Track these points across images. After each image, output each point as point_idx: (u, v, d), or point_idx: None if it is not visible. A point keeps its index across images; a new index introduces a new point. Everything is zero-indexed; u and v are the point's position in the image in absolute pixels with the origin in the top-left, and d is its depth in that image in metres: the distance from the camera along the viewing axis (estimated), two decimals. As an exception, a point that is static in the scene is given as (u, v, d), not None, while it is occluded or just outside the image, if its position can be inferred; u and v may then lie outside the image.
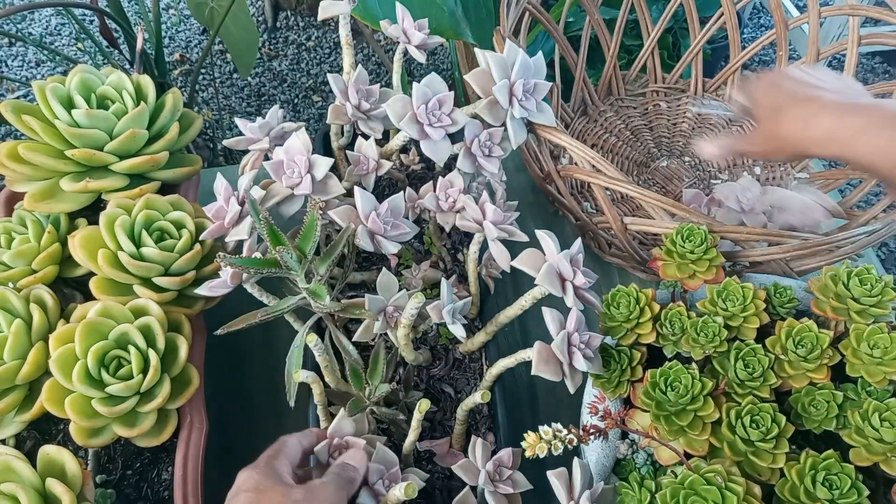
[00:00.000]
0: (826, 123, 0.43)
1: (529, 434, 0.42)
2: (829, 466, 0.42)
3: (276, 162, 0.50)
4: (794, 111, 0.45)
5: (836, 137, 0.43)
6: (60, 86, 0.57)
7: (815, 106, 0.45)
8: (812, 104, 0.45)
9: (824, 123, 0.43)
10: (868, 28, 1.51)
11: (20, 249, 0.53)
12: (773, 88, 0.48)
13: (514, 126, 0.53)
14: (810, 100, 0.45)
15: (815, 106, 0.45)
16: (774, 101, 0.47)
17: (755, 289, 0.49)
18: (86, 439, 0.47)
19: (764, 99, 0.49)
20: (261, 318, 0.47)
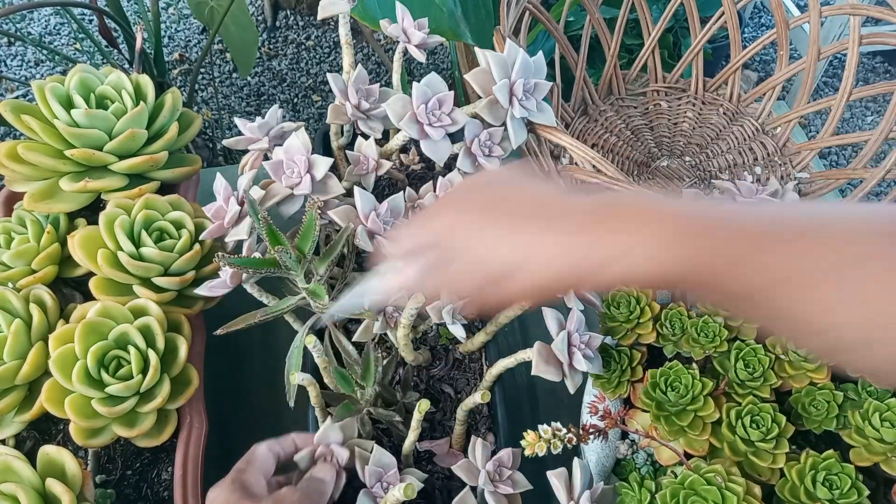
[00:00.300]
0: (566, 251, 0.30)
1: (529, 433, 0.42)
2: (830, 466, 0.41)
3: (276, 162, 0.50)
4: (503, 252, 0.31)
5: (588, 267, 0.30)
6: (60, 85, 0.56)
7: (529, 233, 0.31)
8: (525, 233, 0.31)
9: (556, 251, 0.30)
10: (869, 27, 1.51)
11: (20, 249, 0.53)
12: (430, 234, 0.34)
13: (514, 126, 0.53)
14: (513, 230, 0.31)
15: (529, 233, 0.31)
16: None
17: (755, 289, 0.49)
18: (85, 439, 0.47)
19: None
20: (260, 319, 0.47)
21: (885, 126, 0.79)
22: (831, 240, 0.27)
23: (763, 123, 0.91)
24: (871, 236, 0.27)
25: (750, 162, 0.88)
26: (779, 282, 0.27)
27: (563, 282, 0.31)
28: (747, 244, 0.28)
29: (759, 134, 0.90)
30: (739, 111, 0.93)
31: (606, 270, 0.30)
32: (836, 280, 0.27)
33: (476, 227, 0.33)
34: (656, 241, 0.29)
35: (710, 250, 0.28)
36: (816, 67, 0.85)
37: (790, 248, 0.27)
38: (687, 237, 0.29)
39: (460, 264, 0.33)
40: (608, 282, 0.31)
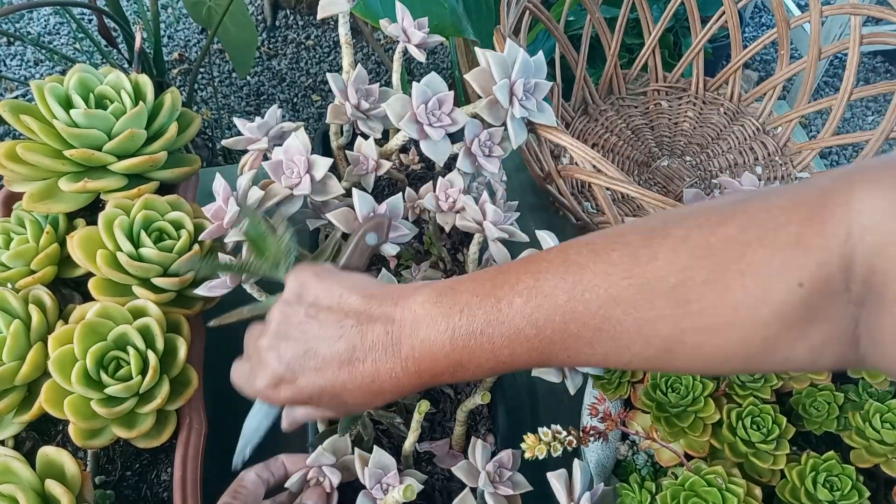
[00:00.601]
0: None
1: (529, 436, 0.42)
2: (830, 468, 0.41)
3: (275, 162, 0.50)
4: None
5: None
6: (59, 85, 0.56)
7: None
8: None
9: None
10: (869, 27, 1.51)
11: (18, 250, 0.53)
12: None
13: (514, 126, 0.53)
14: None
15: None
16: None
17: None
18: (85, 440, 0.47)
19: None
20: (250, 315, 0.47)
21: (886, 126, 0.79)
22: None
23: (764, 123, 0.90)
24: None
25: (751, 162, 0.88)
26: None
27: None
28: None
29: (759, 133, 0.90)
30: (740, 111, 0.92)
31: (420, 379, 0.34)
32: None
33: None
34: (441, 337, 0.32)
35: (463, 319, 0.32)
36: (817, 67, 0.85)
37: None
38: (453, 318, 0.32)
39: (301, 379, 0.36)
40: (424, 384, 0.35)
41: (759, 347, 0.27)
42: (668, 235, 0.28)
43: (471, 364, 0.32)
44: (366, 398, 0.35)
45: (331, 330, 0.35)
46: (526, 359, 0.32)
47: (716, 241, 0.27)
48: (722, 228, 0.27)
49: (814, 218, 0.25)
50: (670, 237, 0.28)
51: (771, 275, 0.25)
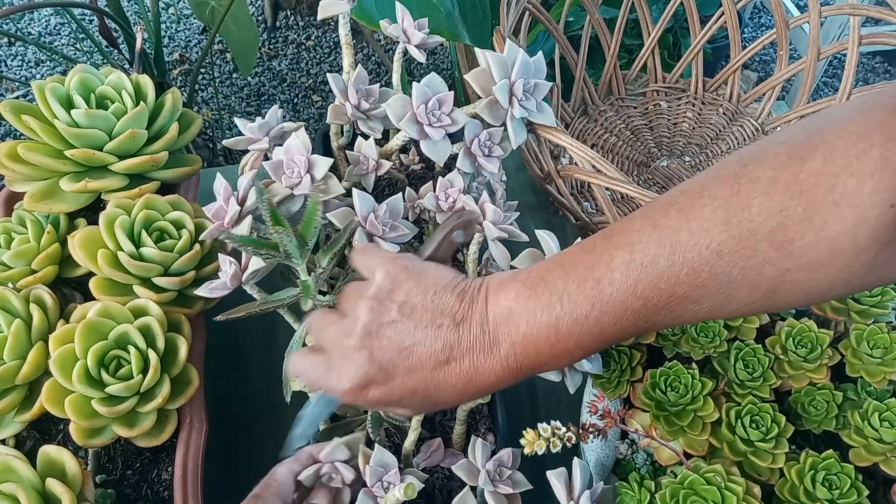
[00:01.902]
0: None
1: (528, 431, 0.42)
2: (829, 466, 0.42)
3: (276, 162, 0.50)
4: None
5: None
6: (60, 85, 0.56)
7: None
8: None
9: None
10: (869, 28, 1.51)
11: (20, 249, 0.53)
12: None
13: (514, 126, 0.53)
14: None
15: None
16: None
17: (755, 289, 0.49)
18: (86, 439, 0.47)
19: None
20: (260, 308, 0.47)
21: (885, 126, 0.79)
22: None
23: (763, 123, 0.91)
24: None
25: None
26: None
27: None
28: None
29: (758, 134, 0.90)
30: (739, 111, 0.93)
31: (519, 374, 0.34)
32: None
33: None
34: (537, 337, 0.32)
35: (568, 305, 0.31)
36: (816, 67, 0.86)
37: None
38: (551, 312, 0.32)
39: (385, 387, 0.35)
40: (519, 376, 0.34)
41: (860, 272, 0.28)
42: (756, 179, 0.28)
43: (577, 348, 0.32)
44: (459, 396, 0.35)
45: (427, 330, 0.33)
46: (633, 330, 0.32)
47: (805, 177, 0.27)
48: (808, 163, 0.27)
49: (890, 139, 0.26)
50: (759, 181, 0.28)
51: (865, 201, 0.26)
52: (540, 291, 0.32)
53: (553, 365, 0.33)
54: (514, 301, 0.32)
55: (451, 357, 0.33)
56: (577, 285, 0.31)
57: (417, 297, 0.34)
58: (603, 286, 0.30)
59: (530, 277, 0.33)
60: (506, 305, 0.33)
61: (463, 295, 0.34)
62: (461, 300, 0.34)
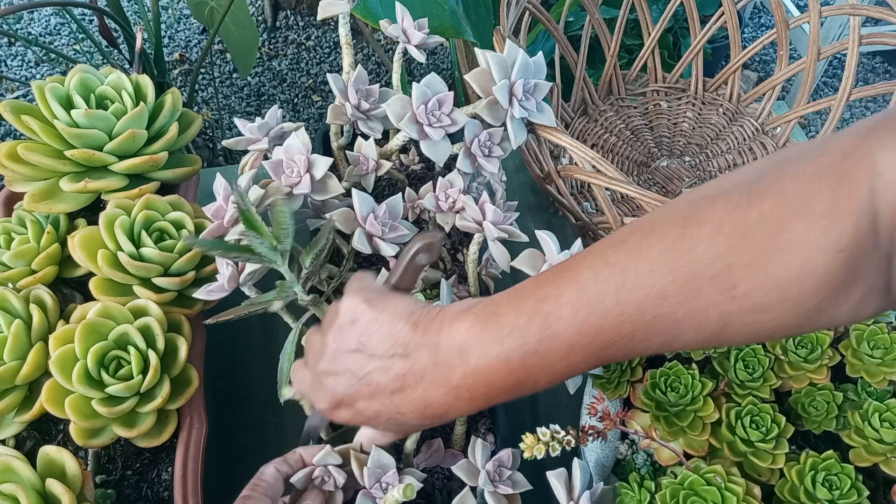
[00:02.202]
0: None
1: (527, 436, 0.42)
2: (829, 467, 0.42)
3: (276, 161, 0.50)
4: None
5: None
6: (59, 86, 0.56)
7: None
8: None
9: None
10: (869, 28, 1.51)
11: (20, 250, 0.53)
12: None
13: (514, 126, 0.53)
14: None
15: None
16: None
17: (755, 289, 0.49)
18: (86, 440, 0.47)
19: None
20: (247, 311, 0.47)
21: (885, 126, 0.79)
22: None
23: (763, 123, 0.91)
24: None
25: (750, 162, 0.88)
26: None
27: None
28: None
29: (758, 134, 0.90)
30: (739, 111, 0.93)
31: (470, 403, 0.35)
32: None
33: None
34: (489, 360, 0.33)
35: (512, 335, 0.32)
36: (816, 67, 0.86)
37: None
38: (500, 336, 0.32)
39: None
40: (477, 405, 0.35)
41: (806, 316, 0.27)
42: (704, 222, 0.28)
43: (529, 381, 0.33)
44: (422, 421, 0.36)
45: (381, 361, 0.35)
46: (583, 366, 0.32)
47: (752, 221, 0.27)
48: (757, 207, 0.27)
49: (843, 184, 0.25)
50: (706, 224, 0.28)
51: (811, 247, 0.26)
52: (492, 325, 0.32)
53: (508, 395, 0.34)
54: (467, 333, 0.33)
55: (405, 385, 0.34)
56: (527, 319, 0.31)
57: (374, 327, 0.36)
58: (551, 322, 0.31)
59: (484, 310, 0.33)
60: (458, 337, 0.33)
61: (416, 325, 0.35)
62: (414, 330, 0.35)
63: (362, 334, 0.36)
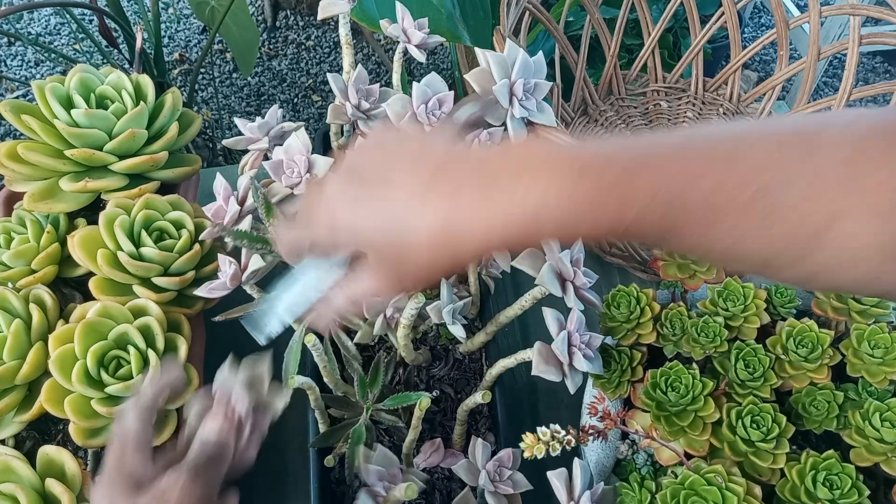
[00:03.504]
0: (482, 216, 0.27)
1: (528, 435, 0.42)
2: (830, 466, 0.41)
3: (276, 161, 0.50)
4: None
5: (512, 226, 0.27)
6: (60, 85, 0.56)
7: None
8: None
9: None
10: (869, 27, 1.51)
11: (19, 249, 0.53)
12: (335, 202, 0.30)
13: (514, 126, 0.53)
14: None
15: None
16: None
17: (756, 289, 0.49)
18: (85, 439, 0.47)
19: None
20: (257, 309, 0.47)
21: (886, 126, 0.79)
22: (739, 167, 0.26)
23: (763, 123, 0.91)
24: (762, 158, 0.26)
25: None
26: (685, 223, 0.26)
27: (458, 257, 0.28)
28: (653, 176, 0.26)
29: (759, 134, 0.90)
30: (739, 111, 0.93)
31: (530, 230, 0.27)
32: (739, 211, 0.25)
33: (364, 212, 0.30)
34: (555, 190, 0.26)
35: (614, 189, 0.26)
36: (816, 67, 0.85)
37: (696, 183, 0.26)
38: (588, 179, 0.26)
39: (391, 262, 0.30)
40: (512, 244, 0.28)
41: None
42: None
43: (584, 226, 0.27)
44: (432, 256, 0.28)
45: (411, 157, 0.29)
46: (650, 230, 0.27)
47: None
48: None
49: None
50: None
51: None
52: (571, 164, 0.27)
53: (550, 235, 0.28)
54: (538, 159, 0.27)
55: (438, 188, 0.27)
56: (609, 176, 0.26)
57: (409, 137, 0.31)
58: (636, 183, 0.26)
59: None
60: (522, 160, 0.27)
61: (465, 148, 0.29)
62: (463, 146, 0.29)
63: (395, 143, 0.30)
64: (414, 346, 0.54)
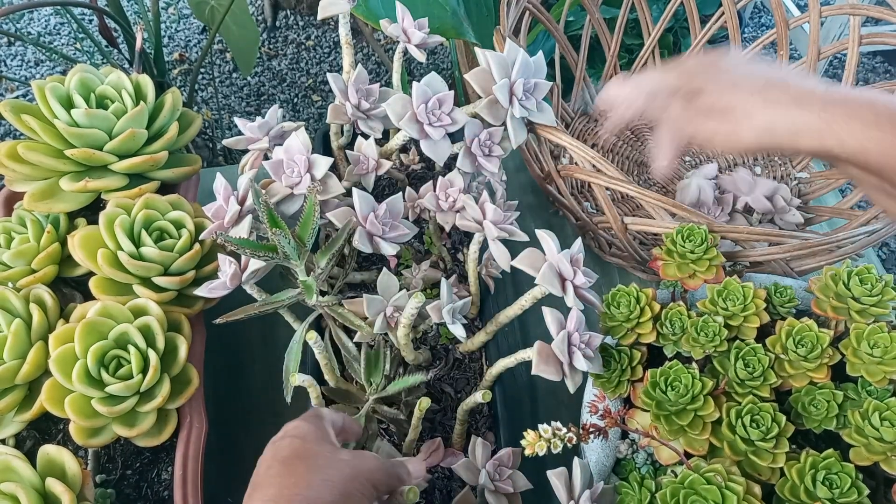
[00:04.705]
0: (804, 112, 0.39)
1: (529, 432, 0.42)
2: (830, 466, 0.41)
3: (276, 161, 0.50)
4: (769, 94, 0.41)
5: (818, 127, 0.39)
6: (60, 85, 0.56)
7: (790, 92, 0.41)
8: (784, 88, 0.41)
9: (801, 112, 0.40)
10: (869, 27, 1.51)
11: (20, 249, 0.53)
12: (716, 70, 0.44)
13: (514, 125, 0.53)
14: (779, 85, 0.41)
15: (790, 92, 0.41)
16: (727, 83, 0.43)
17: (755, 288, 0.49)
18: (85, 439, 0.47)
19: (711, 81, 0.44)
20: (259, 310, 0.47)
21: (885, 126, 0.79)
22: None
23: (763, 123, 0.90)
24: None
25: (749, 162, 0.88)
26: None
27: (777, 138, 0.41)
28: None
29: (758, 134, 0.90)
30: (739, 111, 0.92)
31: (813, 140, 0.39)
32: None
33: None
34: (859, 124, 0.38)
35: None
36: (816, 67, 0.86)
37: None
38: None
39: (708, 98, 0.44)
40: (810, 149, 0.40)
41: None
42: None
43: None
44: (767, 109, 0.41)
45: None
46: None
47: None
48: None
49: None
50: None
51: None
52: None
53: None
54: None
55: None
56: None
57: None
58: None
59: None
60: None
61: None
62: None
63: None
64: (414, 346, 0.54)
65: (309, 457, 0.36)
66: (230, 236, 0.44)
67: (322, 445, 0.37)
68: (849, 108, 0.38)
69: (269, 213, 0.45)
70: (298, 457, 0.36)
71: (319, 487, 0.34)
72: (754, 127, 0.41)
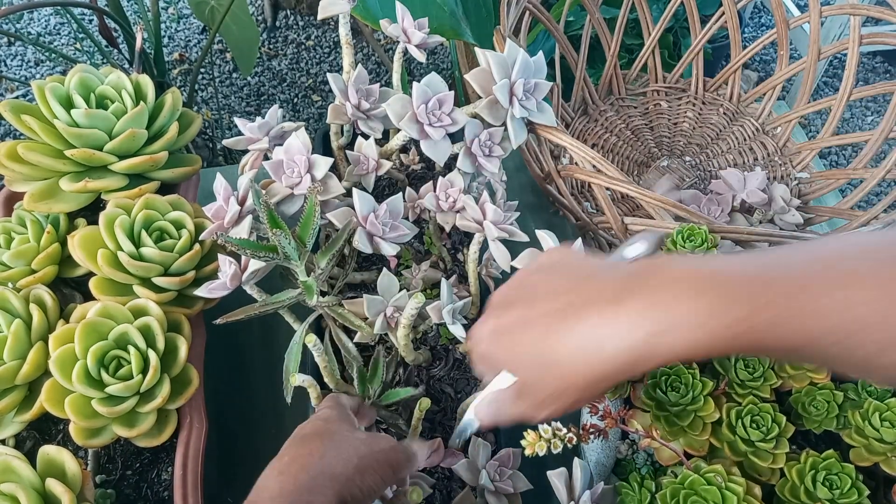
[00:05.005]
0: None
1: (529, 432, 0.42)
2: (830, 466, 0.41)
3: (276, 161, 0.50)
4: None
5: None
6: (59, 85, 0.56)
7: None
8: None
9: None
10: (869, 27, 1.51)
11: (19, 249, 0.53)
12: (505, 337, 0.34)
13: (514, 126, 0.53)
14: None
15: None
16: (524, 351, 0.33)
17: (755, 289, 0.49)
18: (85, 439, 0.47)
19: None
20: (259, 311, 0.47)
21: (885, 126, 0.79)
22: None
23: (763, 123, 0.91)
24: None
25: (750, 162, 0.88)
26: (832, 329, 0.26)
27: (614, 375, 0.30)
28: (803, 294, 0.26)
29: (759, 134, 0.90)
30: (739, 111, 0.93)
31: (653, 353, 0.28)
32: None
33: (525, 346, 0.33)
34: (698, 310, 0.27)
35: (763, 306, 0.27)
36: (816, 67, 0.86)
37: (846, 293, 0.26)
38: (734, 298, 0.27)
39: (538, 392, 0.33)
40: (657, 364, 0.29)
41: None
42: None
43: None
44: (586, 378, 0.30)
45: (561, 285, 0.32)
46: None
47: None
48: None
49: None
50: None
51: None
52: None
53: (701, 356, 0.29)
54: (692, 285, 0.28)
55: (570, 304, 0.30)
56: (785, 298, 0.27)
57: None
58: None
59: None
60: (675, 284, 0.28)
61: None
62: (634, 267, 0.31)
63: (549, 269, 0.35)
64: (414, 346, 0.54)
65: (326, 433, 0.38)
66: (230, 237, 0.44)
67: (341, 425, 0.39)
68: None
69: (269, 214, 0.45)
70: (317, 433, 0.39)
71: (332, 459, 0.36)
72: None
